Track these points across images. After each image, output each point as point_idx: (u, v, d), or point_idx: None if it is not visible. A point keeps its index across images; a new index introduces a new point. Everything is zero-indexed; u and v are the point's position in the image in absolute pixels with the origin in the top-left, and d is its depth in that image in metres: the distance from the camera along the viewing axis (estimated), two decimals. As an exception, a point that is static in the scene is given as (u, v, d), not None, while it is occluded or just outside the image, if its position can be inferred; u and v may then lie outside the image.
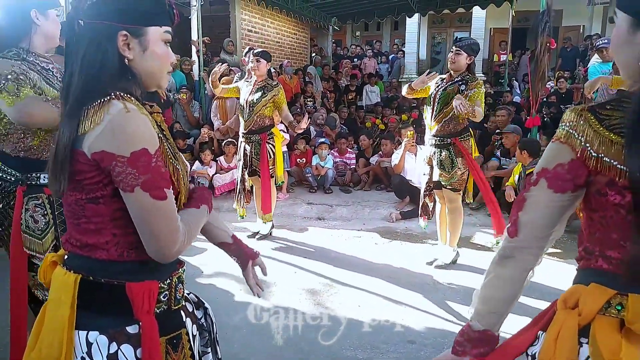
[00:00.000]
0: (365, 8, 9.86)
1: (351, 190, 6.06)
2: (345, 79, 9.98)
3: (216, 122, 6.33)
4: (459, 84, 3.40)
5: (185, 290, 1.19)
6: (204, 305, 1.27)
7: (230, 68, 7.16)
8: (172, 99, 6.65)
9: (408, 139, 5.24)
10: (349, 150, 6.42)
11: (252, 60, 4.00)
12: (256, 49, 4.30)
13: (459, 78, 3.42)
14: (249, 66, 4.10)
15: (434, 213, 3.78)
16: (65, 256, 1.11)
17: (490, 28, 13.02)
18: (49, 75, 1.91)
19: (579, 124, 0.90)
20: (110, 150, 0.94)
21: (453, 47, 3.46)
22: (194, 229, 1.11)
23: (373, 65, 11.65)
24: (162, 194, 0.98)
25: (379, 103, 8.87)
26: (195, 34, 7.28)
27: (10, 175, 1.89)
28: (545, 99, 7.51)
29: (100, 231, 1.02)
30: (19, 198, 1.85)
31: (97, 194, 1.00)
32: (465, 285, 3.37)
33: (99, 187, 0.99)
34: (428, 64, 14.21)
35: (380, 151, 6.15)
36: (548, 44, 5.25)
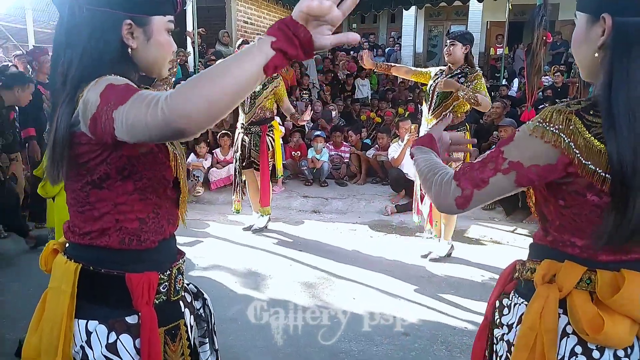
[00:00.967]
0: (362, 0, 9.80)
1: (346, 184, 6.06)
2: (342, 72, 9.94)
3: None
4: (458, 76, 3.38)
5: (185, 281, 1.19)
6: (203, 296, 1.27)
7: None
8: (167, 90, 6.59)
9: (411, 134, 5.25)
10: (344, 143, 6.41)
11: None
12: (251, 40, 4.27)
13: (457, 70, 3.41)
14: None
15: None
16: (66, 244, 1.10)
17: (487, 21, 12.97)
18: None
19: (568, 129, 0.93)
20: (91, 112, 0.89)
21: (447, 41, 3.46)
22: (206, 77, 0.77)
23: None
24: (130, 94, 0.85)
25: (375, 96, 8.84)
26: (190, 25, 7.21)
27: None
28: (541, 93, 7.52)
29: (103, 217, 1.02)
30: None
31: (102, 172, 0.98)
32: (459, 277, 3.39)
33: (104, 164, 0.97)
34: (424, 57, 14.18)
35: (377, 144, 6.14)
36: (544, 38, 5.24)
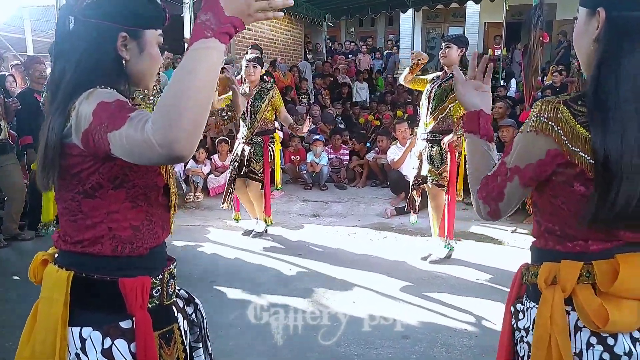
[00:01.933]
0: (359, 4, 9.83)
1: (346, 187, 6.06)
2: (341, 76, 9.96)
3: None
4: (453, 79, 3.39)
5: (177, 287, 1.19)
6: (195, 301, 1.28)
7: (223, 66, 7.11)
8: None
9: (414, 137, 5.25)
10: (343, 146, 6.42)
11: (248, 66, 3.94)
12: (248, 54, 4.27)
13: (452, 74, 3.41)
14: (242, 72, 4.05)
15: (421, 208, 3.82)
16: (55, 254, 1.10)
17: (485, 22, 13.00)
18: None
19: (556, 117, 0.99)
20: (84, 127, 0.92)
21: (442, 44, 3.48)
22: (169, 99, 0.82)
23: (367, 62, 11.62)
24: (123, 120, 0.87)
25: (374, 99, 8.84)
26: (187, 32, 7.24)
27: None
28: (540, 93, 7.52)
29: (96, 226, 1.02)
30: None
31: (94, 182, 0.99)
32: (459, 279, 3.38)
33: (95, 174, 0.98)
34: (423, 59, 14.17)
35: (377, 147, 6.14)
36: (541, 38, 5.25)
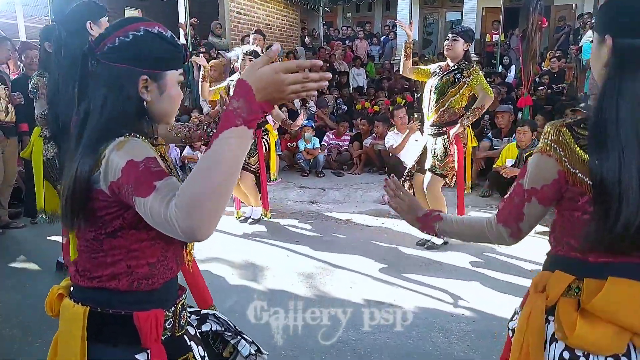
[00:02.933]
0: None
1: (343, 174, 6.05)
2: (338, 62, 9.87)
3: (205, 107, 6.26)
4: (454, 72, 3.38)
5: (187, 314, 1.22)
6: (208, 315, 1.33)
7: (218, 51, 7.02)
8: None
9: (415, 122, 5.23)
10: (346, 133, 6.44)
11: (244, 59, 3.89)
12: (250, 41, 4.25)
13: (454, 67, 3.40)
14: (238, 63, 4.03)
15: None
16: (70, 287, 1.13)
17: (482, 8, 12.85)
18: None
19: (559, 140, 1.04)
20: (112, 179, 0.96)
21: (449, 35, 3.43)
22: (194, 186, 0.84)
23: (365, 47, 11.51)
24: (150, 189, 0.91)
25: (371, 85, 8.78)
26: (182, 17, 7.13)
27: None
28: (538, 78, 7.48)
29: (116, 263, 1.05)
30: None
31: (117, 226, 1.02)
32: (456, 265, 3.39)
33: (119, 219, 1.02)
34: (420, 44, 14.07)
35: (374, 133, 6.12)
36: (539, 23, 5.20)
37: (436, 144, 3.50)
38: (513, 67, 9.41)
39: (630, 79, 0.98)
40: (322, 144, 6.26)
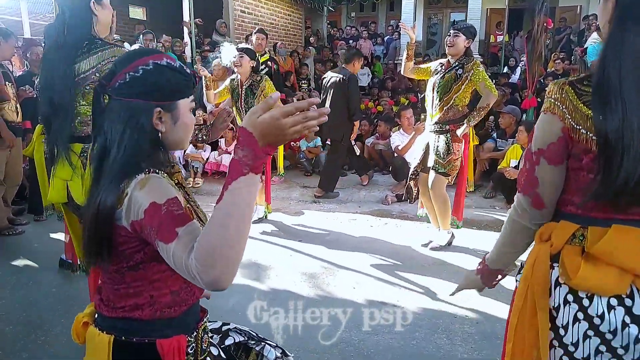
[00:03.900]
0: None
1: (346, 173, 6.04)
2: (341, 62, 9.84)
3: (209, 105, 6.25)
4: (456, 69, 3.36)
5: (209, 335, 1.24)
6: (229, 330, 1.35)
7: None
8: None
9: (422, 124, 5.21)
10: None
11: (236, 55, 3.93)
12: (253, 37, 4.26)
13: (456, 63, 3.38)
14: (227, 64, 4.07)
15: (417, 198, 3.81)
16: (95, 314, 1.16)
17: (487, 9, 12.82)
18: None
19: (562, 97, 1.05)
20: (134, 218, 0.98)
21: (451, 31, 3.41)
22: (211, 239, 0.86)
23: (368, 47, 11.49)
24: (172, 235, 0.93)
25: (374, 85, 8.75)
26: (187, 15, 7.13)
27: None
28: (542, 80, 7.45)
29: (139, 294, 1.07)
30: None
31: (139, 259, 1.04)
32: (460, 266, 3.37)
33: (140, 253, 1.04)
34: (424, 45, 14.04)
35: (377, 133, 6.11)
36: (545, 24, 5.18)
37: (438, 141, 3.47)
38: (518, 69, 9.38)
39: (632, 33, 0.98)
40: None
